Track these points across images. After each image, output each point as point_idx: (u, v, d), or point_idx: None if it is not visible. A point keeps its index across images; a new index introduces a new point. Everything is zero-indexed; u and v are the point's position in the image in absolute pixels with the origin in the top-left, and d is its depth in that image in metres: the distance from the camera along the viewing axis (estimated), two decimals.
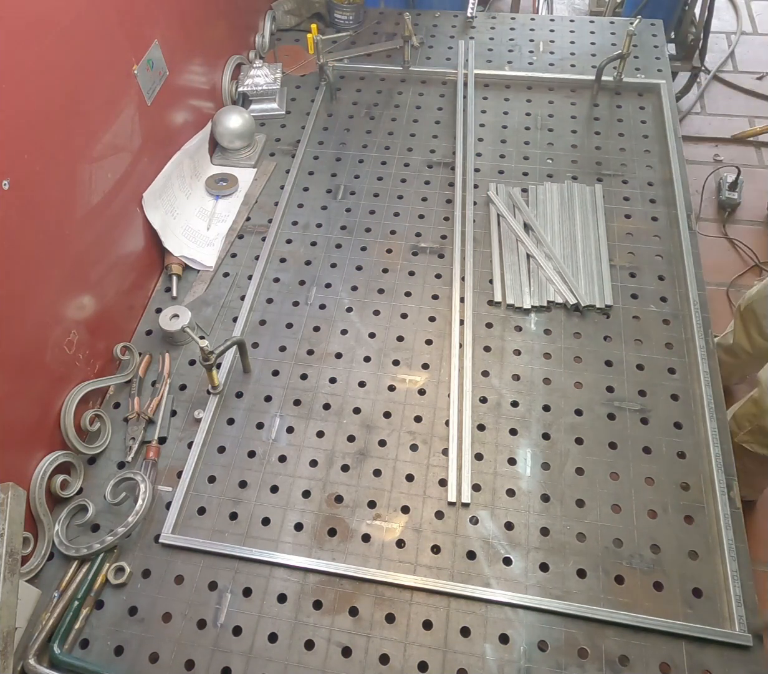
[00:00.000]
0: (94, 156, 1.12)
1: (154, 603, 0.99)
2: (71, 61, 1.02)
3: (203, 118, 1.55)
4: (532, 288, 1.32)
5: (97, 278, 1.17)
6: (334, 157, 1.60)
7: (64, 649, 0.94)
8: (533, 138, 1.61)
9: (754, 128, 2.69)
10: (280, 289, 1.36)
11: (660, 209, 1.45)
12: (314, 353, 1.26)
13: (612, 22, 1.90)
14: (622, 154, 1.56)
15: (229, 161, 1.58)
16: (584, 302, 1.28)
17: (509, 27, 1.87)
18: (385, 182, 1.54)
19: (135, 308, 1.32)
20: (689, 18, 2.45)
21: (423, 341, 1.27)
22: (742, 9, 3.24)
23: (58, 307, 1.07)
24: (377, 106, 1.71)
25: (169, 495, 1.09)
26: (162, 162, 1.37)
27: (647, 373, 1.20)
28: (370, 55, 1.79)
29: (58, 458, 1.05)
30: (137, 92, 1.23)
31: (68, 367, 1.10)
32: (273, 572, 1.01)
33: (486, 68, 1.75)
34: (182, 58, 1.40)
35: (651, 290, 1.32)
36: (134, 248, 1.30)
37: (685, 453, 1.10)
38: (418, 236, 1.43)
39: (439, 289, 1.34)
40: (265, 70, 1.65)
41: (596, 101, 1.68)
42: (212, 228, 1.45)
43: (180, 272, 1.37)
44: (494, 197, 1.46)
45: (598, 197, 1.46)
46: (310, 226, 1.47)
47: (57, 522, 1.04)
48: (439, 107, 1.70)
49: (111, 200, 1.18)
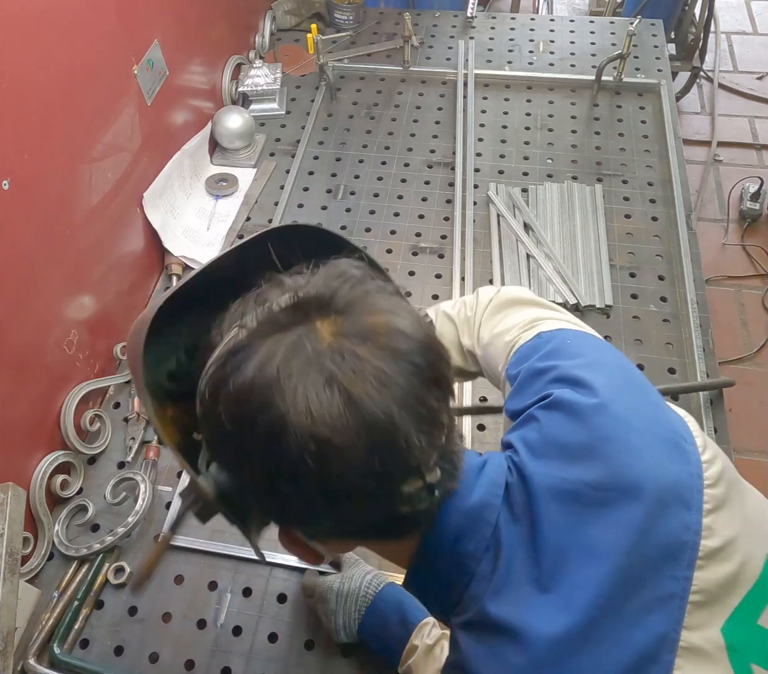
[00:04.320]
0: (94, 156, 1.12)
1: (154, 603, 0.99)
2: (71, 61, 1.02)
3: (203, 118, 1.55)
4: (532, 288, 1.32)
5: (97, 278, 1.17)
6: (334, 157, 1.60)
7: (64, 649, 0.94)
8: (533, 138, 1.61)
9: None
10: None
11: (660, 209, 1.45)
12: None
13: (612, 22, 1.90)
14: (622, 154, 1.56)
15: (229, 161, 1.58)
16: (584, 302, 1.28)
17: (509, 27, 1.88)
18: (385, 182, 1.54)
19: (135, 308, 1.32)
20: (689, 18, 2.45)
21: None
22: (742, 9, 3.24)
23: (58, 307, 1.07)
24: (377, 106, 1.71)
25: (169, 495, 1.09)
26: (162, 162, 1.37)
27: (647, 373, 1.20)
28: (370, 55, 1.79)
29: (58, 458, 1.05)
30: (137, 92, 1.23)
31: (68, 367, 1.10)
32: (273, 572, 1.01)
33: (486, 68, 1.75)
34: (182, 58, 1.40)
35: (651, 290, 1.32)
36: (134, 248, 1.30)
37: None
38: (418, 236, 1.43)
39: (439, 289, 1.34)
40: (265, 70, 1.65)
41: (596, 101, 1.68)
42: (212, 228, 1.45)
43: (180, 272, 1.37)
44: (494, 197, 1.46)
45: (598, 197, 1.46)
46: None
47: (57, 522, 1.04)
48: (439, 107, 1.70)
49: (111, 200, 1.18)
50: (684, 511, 0.55)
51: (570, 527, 0.54)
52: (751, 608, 0.54)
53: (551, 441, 0.60)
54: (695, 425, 0.63)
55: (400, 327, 0.50)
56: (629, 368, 0.67)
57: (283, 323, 0.49)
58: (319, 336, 0.48)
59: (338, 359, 0.47)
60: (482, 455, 0.63)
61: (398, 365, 0.48)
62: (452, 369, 0.57)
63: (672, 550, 0.53)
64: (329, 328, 0.49)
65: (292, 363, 0.47)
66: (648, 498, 0.54)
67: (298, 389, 0.46)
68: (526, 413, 0.64)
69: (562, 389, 0.62)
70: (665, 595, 0.52)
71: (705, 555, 0.53)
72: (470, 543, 0.56)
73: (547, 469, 0.57)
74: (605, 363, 0.66)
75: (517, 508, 0.57)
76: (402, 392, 0.48)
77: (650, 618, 0.51)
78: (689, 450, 0.58)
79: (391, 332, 0.50)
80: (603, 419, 0.59)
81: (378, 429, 0.47)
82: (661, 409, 0.62)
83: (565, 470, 0.57)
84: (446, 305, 0.87)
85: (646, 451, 0.57)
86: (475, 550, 0.56)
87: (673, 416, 0.62)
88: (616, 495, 0.55)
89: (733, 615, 0.53)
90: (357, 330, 0.49)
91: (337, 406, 0.46)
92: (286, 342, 0.48)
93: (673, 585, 0.52)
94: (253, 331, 0.49)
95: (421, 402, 0.49)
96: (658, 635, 0.51)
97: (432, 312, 0.87)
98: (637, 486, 0.55)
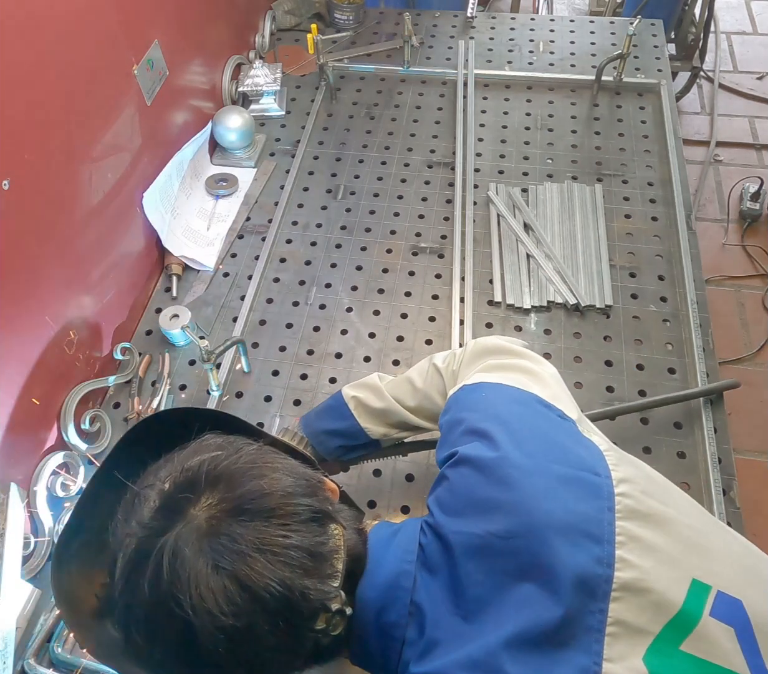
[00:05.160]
0: (94, 156, 1.12)
1: None
2: (71, 61, 1.02)
3: (203, 118, 1.55)
4: (532, 288, 1.32)
5: (97, 278, 1.17)
6: (334, 157, 1.60)
7: (64, 649, 0.94)
8: (533, 138, 1.61)
9: None
10: (280, 289, 1.36)
11: (660, 209, 1.45)
12: (314, 353, 1.26)
13: (612, 22, 1.90)
14: (622, 154, 1.56)
15: (229, 161, 1.58)
16: (584, 302, 1.28)
17: (509, 27, 1.88)
18: (385, 182, 1.54)
19: (135, 308, 1.32)
20: (689, 18, 2.45)
21: (423, 342, 1.27)
22: (742, 9, 3.24)
23: (58, 307, 1.07)
24: (377, 106, 1.71)
25: None
26: (162, 162, 1.37)
27: (647, 373, 1.20)
28: (370, 55, 1.79)
29: (58, 458, 1.05)
30: (137, 92, 1.23)
31: (68, 367, 1.10)
32: None
33: (486, 68, 1.75)
34: (182, 58, 1.40)
35: (651, 290, 1.32)
36: (134, 248, 1.30)
37: (685, 453, 1.10)
38: (418, 236, 1.43)
39: (439, 289, 1.34)
40: (265, 70, 1.65)
41: (596, 101, 1.68)
42: (212, 228, 1.45)
43: (180, 272, 1.37)
44: (494, 197, 1.46)
45: (598, 197, 1.46)
46: (310, 226, 1.47)
47: (57, 522, 1.04)
48: (439, 107, 1.70)
49: (111, 200, 1.18)
50: (594, 545, 0.57)
51: (488, 579, 0.57)
52: (674, 635, 0.55)
53: (461, 498, 0.64)
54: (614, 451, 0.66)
55: (264, 488, 0.55)
56: (537, 418, 0.69)
57: (158, 526, 0.54)
58: (195, 526, 0.53)
59: (217, 546, 0.52)
60: (399, 524, 0.67)
61: (272, 527, 0.53)
62: (326, 488, 0.63)
63: (587, 585, 0.55)
64: (202, 515, 0.54)
65: (177, 567, 0.51)
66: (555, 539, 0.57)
67: (191, 591, 0.50)
68: (440, 473, 0.68)
69: (468, 445, 0.66)
70: (583, 629, 0.54)
71: (619, 586, 0.55)
72: (392, 613, 0.60)
73: (460, 527, 0.61)
74: (512, 415, 0.69)
75: (433, 563, 0.61)
76: (281, 549, 0.53)
77: (570, 653, 0.53)
78: (600, 484, 0.61)
79: (255, 498, 0.54)
80: (505, 470, 0.62)
81: (273, 596, 0.51)
82: (569, 448, 0.65)
83: (475, 525, 0.60)
84: (438, 358, 0.90)
85: (549, 493, 0.60)
86: (398, 619, 0.60)
87: (584, 452, 0.65)
88: (523, 543, 0.57)
89: (654, 643, 0.54)
90: (226, 508, 0.54)
91: (228, 592, 0.50)
92: (167, 549, 0.52)
93: (590, 619, 0.54)
94: (139, 540, 0.54)
95: (304, 549, 0.54)
96: (580, 669, 0.52)
97: (426, 364, 0.91)
98: (543, 528, 0.57)
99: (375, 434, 0.91)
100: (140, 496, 0.57)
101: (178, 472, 0.57)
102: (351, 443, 0.93)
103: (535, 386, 0.74)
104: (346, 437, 0.92)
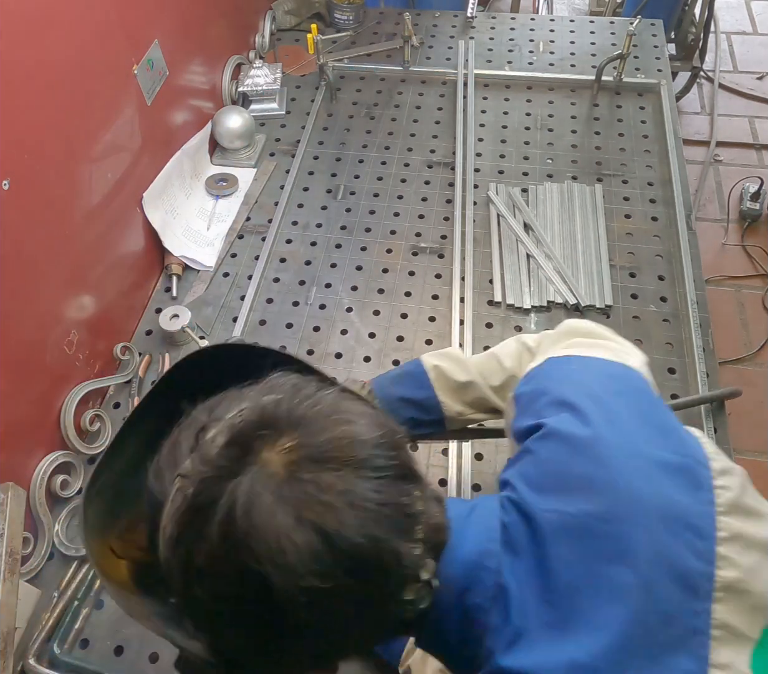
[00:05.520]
0: (94, 156, 1.12)
1: None
2: (71, 61, 1.02)
3: (203, 118, 1.55)
4: (532, 288, 1.32)
5: (97, 278, 1.17)
6: (334, 157, 1.60)
7: (64, 649, 0.94)
8: (533, 138, 1.61)
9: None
10: (280, 289, 1.36)
11: (660, 208, 1.45)
12: (314, 353, 1.26)
13: (612, 22, 1.90)
14: (622, 154, 1.56)
15: (229, 161, 1.58)
16: (584, 302, 1.28)
17: (509, 27, 1.88)
18: (385, 182, 1.54)
19: (135, 308, 1.32)
20: (689, 18, 2.45)
21: (423, 342, 1.27)
22: (742, 9, 3.24)
23: (58, 307, 1.07)
24: (377, 106, 1.71)
25: None
26: (162, 162, 1.37)
27: None
28: (370, 55, 1.79)
29: (58, 458, 1.05)
30: (137, 92, 1.23)
31: (68, 367, 1.10)
32: None
33: (486, 68, 1.75)
34: (182, 58, 1.40)
35: (651, 290, 1.32)
36: (134, 248, 1.30)
37: None
38: (418, 236, 1.43)
39: (439, 289, 1.34)
40: (265, 70, 1.65)
41: (596, 101, 1.68)
42: (212, 228, 1.45)
43: (180, 272, 1.37)
44: (494, 197, 1.46)
45: (598, 197, 1.46)
46: (310, 226, 1.47)
47: (57, 522, 1.04)
48: (439, 107, 1.70)
49: (111, 200, 1.18)
50: (696, 539, 0.52)
51: (582, 564, 0.52)
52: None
53: (549, 474, 0.58)
54: (712, 446, 0.60)
55: (353, 435, 0.48)
56: (634, 395, 0.65)
57: (227, 466, 0.46)
58: (272, 472, 0.45)
59: (300, 495, 0.45)
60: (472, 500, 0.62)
61: (363, 479, 0.47)
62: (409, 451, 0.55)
63: (688, 580, 0.51)
64: (279, 459, 0.46)
65: (254, 516, 0.44)
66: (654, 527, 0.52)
67: (270, 543, 0.43)
68: (522, 446, 0.62)
69: (557, 417, 0.61)
70: (688, 630, 0.50)
71: (722, 586, 0.51)
72: (476, 595, 0.54)
73: (550, 505, 0.55)
74: (606, 390, 0.64)
75: (519, 547, 0.55)
76: (374, 504, 0.46)
77: (676, 658, 0.49)
78: (701, 475, 0.56)
79: (344, 445, 0.47)
80: (599, 450, 0.57)
81: (364, 557, 0.45)
82: (669, 430, 0.60)
83: (568, 504, 0.55)
84: (528, 338, 0.84)
85: (650, 479, 0.55)
86: (482, 602, 0.54)
87: (687, 438, 0.60)
88: (621, 527, 0.52)
89: (756, 650, 0.51)
90: (309, 454, 0.46)
91: (315, 548, 0.44)
92: (239, 494, 0.45)
93: (694, 619, 0.50)
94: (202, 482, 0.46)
95: (395, 507, 0.48)
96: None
97: (514, 343, 0.85)
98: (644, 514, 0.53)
99: (450, 411, 0.83)
100: (204, 430, 0.49)
101: (250, 409, 0.49)
102: (423, 417, 0.83)
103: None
104: (420, 410, 0.83)
